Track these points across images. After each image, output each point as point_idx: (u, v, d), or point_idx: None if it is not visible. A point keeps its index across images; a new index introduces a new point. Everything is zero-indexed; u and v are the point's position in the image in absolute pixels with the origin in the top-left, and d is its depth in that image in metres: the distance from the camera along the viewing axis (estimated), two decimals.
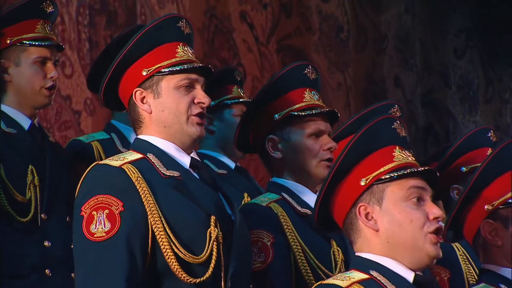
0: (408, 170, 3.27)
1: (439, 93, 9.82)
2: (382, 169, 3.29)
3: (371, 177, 3.28)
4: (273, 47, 8.39)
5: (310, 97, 4.14)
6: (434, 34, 9.86)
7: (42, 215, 4.55)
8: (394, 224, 3.25)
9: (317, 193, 3.48)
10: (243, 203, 5.07)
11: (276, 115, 4.10)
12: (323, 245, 3.98)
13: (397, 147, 3.35)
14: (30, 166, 4.55)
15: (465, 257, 4.67)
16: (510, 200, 3.62)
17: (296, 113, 4.09)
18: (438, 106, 9.75)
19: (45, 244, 4.53)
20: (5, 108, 4.64)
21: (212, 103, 5.25)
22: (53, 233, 4.58)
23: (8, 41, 4.63)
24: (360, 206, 3.29)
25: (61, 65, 6.47)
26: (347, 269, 3.67)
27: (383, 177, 3.28)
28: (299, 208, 4.01)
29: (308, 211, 4.00)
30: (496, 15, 10.27)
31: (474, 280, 4.54)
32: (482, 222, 3.64)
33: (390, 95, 9.37)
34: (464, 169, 4.59)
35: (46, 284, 4.50)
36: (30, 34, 4.65)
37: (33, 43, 4.65)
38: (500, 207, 3.62)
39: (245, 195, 5.27)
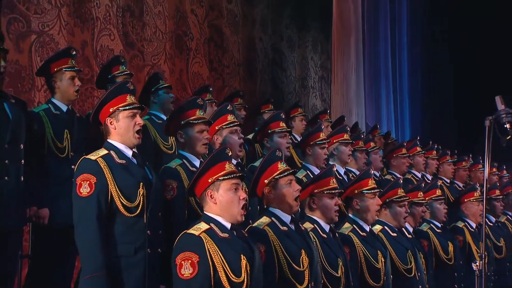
0: (232, 175, 2.95)
1: (279, 43, 9.19)
2: (219, 174, 2.94)
3: (214, 178, 2.94)
4: (206, 25, 7.60)
5: (199, 113, 3.61)
6: (273, 18, 9.08)
7: (71, 153, 4.02)
8: (223, 202, 2.92)
9: (190, 182, 3.05)
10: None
11: (182, 121, 3.57)
12: None
13: (227, 162, 2.99)
14: (65, 130, 4.02)
15: None
16: (276, 177, 3.31)
17: (192, 121, 3.57)
18: (277, 49, 9.14)
19: (72, 167, 3.99)
20: (54, 101, 4.12)
21: (153, 89, 4.80)
22: (77, 162, 4.03)
23: (55, 69, 4.08)
24: (208, 191, 2.94)
25: (106, 31, 5.92)
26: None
27: (219, 178, 2.93)
28: (190, 167, 3.50)
29: (195, 169, 3.49)
30: (304, 4, 9.63)
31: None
32: (265, 187, 3.32)
33: (257, 43, 8.64)
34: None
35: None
36: (66, 65, 4.09)
37: (68, 69, 4.09)
38: (272, 180, 3.30)
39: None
